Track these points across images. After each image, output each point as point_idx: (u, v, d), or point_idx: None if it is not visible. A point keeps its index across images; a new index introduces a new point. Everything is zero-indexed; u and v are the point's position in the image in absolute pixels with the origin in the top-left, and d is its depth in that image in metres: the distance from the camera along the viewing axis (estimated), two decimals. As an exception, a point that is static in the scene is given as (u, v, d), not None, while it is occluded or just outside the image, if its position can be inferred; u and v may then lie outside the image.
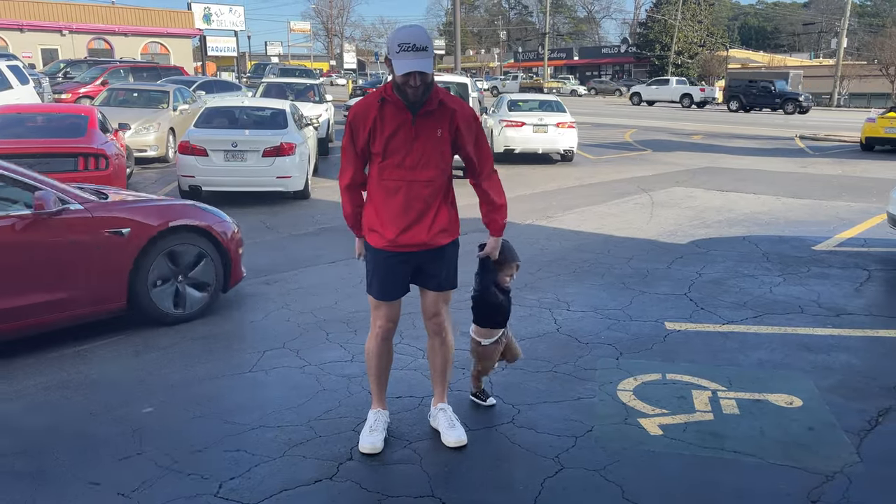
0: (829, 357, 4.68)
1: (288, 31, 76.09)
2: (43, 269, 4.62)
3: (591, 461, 3.34)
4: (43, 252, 4.60)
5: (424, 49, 3.05)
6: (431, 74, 3.13)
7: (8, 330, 4.54)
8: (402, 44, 3.03)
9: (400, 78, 3.08)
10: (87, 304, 4.88)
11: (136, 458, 3.36)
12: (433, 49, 3.12)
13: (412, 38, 3.04)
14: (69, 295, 4.74)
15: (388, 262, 3.33)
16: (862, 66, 50.28)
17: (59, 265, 4.68)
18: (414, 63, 3.03)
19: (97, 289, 4.88)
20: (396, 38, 3.07)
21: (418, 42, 3.04)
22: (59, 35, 38.69)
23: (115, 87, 16.32)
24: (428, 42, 3.07)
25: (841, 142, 21.29)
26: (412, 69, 3.03)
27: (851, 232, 8.59)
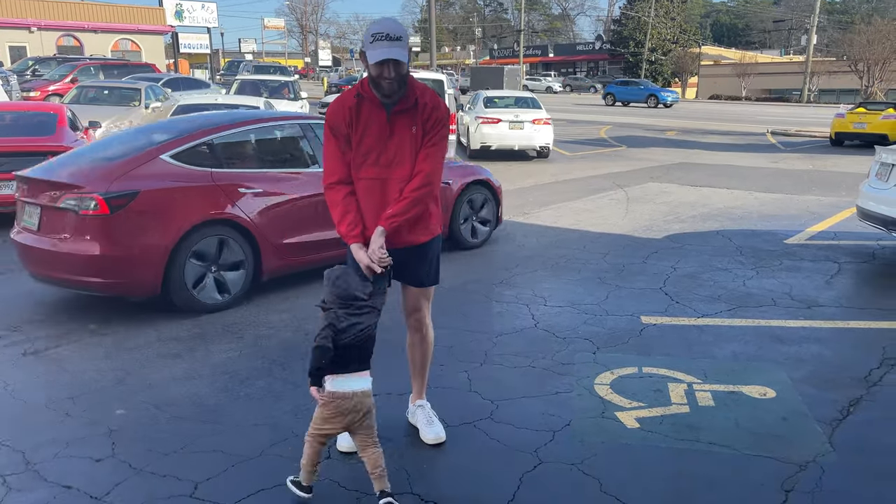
0: (802, 348, 4.75)
1: (262, 28, 75.46)
2: None
3: (569, 455, 3.36)
4: None
5: (398, 39, 3.02)
6: (406, 67, 3.10)
7: None
8: (376, 34, 3.01)
9: (374, 69, 3.04)
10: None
11: (110, 459, 3.31)
12: (407, 40, 3.08)
13: (385, 28, 3.02)
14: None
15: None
16: (831, 62, 51.10)
17: None
18: (387, 51, 2.99)
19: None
20: (370, 30, 3.06)
21: (392, 32, 3.02)
22: (28, 32, 37.95)
23: (85, 85, 16.06)
24: (402, 33, 3.05)
25: (811, 137, 21.64)
26: (385, 57, 3.00)
27: (822, 225, 8.74)
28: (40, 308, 5.54)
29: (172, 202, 5.27)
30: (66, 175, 5.32)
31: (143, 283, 5.20)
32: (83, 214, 5.01)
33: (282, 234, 5.76)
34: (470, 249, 7.32)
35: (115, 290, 5.27)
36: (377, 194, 3.20)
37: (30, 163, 7.93)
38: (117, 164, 5.29)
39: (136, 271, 5.15)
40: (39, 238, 5.27)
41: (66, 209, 5.09)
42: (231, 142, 5.86)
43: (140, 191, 5.12)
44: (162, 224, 5.17)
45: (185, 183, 5.35)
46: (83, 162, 5.57)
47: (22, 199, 5.53)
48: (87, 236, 5.03)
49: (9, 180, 7.86)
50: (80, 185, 5.10)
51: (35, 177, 5.45)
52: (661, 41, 63.42)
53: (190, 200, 5.34)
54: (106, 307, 5.52)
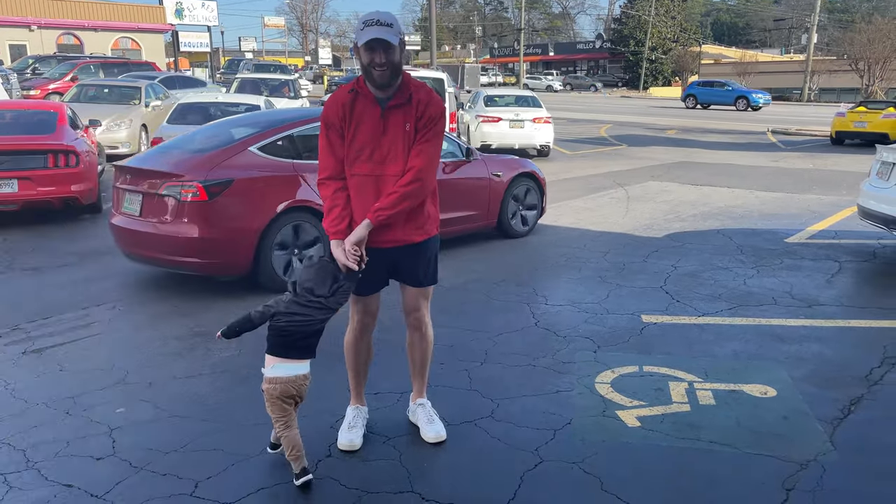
0: (802, 347, 4.74)
1: (262, 27, 75.41)
2: (462, 195, 7.21)
3: (569, 454, 3.35)
4: (461, 185, 7.24)
5: (389, 25, 3.03)
6: (398, 55, 3.08)
7: (451, 232, 6.91)
8: (366, 20, 3.04)
9: (365, 55, 3.04)
10: (481, 219, 7.58)
11: (110, 458, 3.30)
12: (399, 30, 3.09)
13: (376, 15, 3.06)
14: (476, 212, 7.46)
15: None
16: (832, 61, 51.06)
17: (468, 193, 7.33)
18: (376, 31, 3.00)
19: (487, 211, 7.61)
20: (361, 18, 3.10)
21: (382, 18, 3.04)
22: (28, 30, 37.93)
23: (85, 83, 16.05)
24: (393, 20, 3.07)
25: (812, 136, 21.63)
26: (373, 36, 3.00)
27: (823, 224, 8.73)
28: (41, 307, 5.53)
29: (261, 189, 5.76)
30: (167, 165, 5.79)
31: (237, 263, 5.70)
32: (184, 200, 5.49)
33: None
34: (518, 238, 8.02)
35: (210, 269, 5.74)
36: (371, 190, 3.18)
37: (30, 161, 7.99)
38: (212, 155, 5.78)
39: (230, 252, 5.63)
40: (141, 222, 5.74)
41: (168, 196, 5.56)
42: (307, 135, 6.16)
43: (234, 179, 5.62)
44: (252, 209, 5.66)
45: (271, 172, 5.85)
46: (178, 153, 6.04)
47: (121, 186, 6.00)
48: (186, 220, 5.49)
49: (9, 178, 7.88)
50: (181, 173, 5.56)
51: (137, 166, 5.98)
52: (661, 40, 63.40)
53: (276, 188, 5.82)
54: (106, 306, 5.52)
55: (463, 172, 7.27)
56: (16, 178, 7.89)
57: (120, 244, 6.07)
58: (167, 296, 5.80)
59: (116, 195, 6.10)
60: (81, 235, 8.00)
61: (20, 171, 7.94)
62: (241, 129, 6.35)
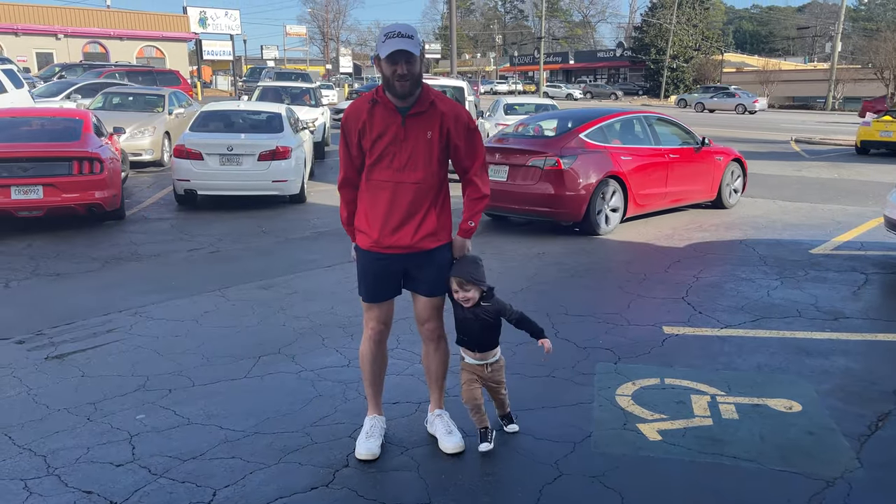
0: (828, 361, 4.66)
1: (284, 35, 76.22)
2: (697, 173, 9.76)
3: (590, 467, 3.31)
4: (697, 165, 9.74)
5: (410, 37, 3.08)
6: (419, 66, 3.12)
7: (684, 201, 9.78)
8: (388, 33, 3.08)
9: (387, 66, 3.08)
10: (706, 194, 10.01)
11: (130, 465, 3.32)
12: (420, 43, 3.13)
13: (397, 28, 3.10)
14: (699, 188, 9.87)
15: (375, 263, 3.31)
16: (856, 69, 50.48)
17: (700, 172, 9.80)
18: (398, 42, 3.04)
19: (710, 187, 10.03)
20: (383, 31, 3.14)
21: (404, 30, 3.09)
22: (55, 39, 38.64)
23: (110, 91, 16.26)
24: (413, 32, 3.12)
25: (836, 145, 21.35)
26: (396, 48, 3.03)
27: (848, 235, 8.59)
28: (63, 313, 5.59)
29: (590, 163, 8.31)
30: (529, 145, 8.62)
31: (576, 213, 8.26)
32: (547, 169, 8.15)
33: (639, 188, 8.83)
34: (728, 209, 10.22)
35: (558, 217, 8.36)
36: (391, 197, 3.22)
37: (55, 168, 8.10)
38: (559, 138, 8.60)
39: (573, 206, 8.21)
40: (509, 184, 8.37)
41: (533, 166, 8.24)
42: (612, 126, 9.05)
43: (578, 155, 8.25)
44: (586, 176, 8.22)
45: (595, 151, 8.46)
46: (530, 138, 9.07)
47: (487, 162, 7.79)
48: (547, 183, 8.15)
49: (34, 185, 7.99)
50: (543, 151, 8.30)
51: (505, 147, 8.70)
52: (682, 48, 63.07)
53: (598, 163, 8.38)
54: (128, 312, 5.56)
55: (695, 157, 9.73)
56: (41, 184, 8.00)
57: None
58: (187, 304, 5.84)
59: None
60: (104, 242, 8.08)
61: (45, 177, 8.05)
62: (567, 120, 9.17)
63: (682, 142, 9.77)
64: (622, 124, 9.27)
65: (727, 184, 10.25)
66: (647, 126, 9.49)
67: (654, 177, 9.07)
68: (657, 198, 9.22)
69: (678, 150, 9.53)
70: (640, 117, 9.65)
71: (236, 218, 9.53)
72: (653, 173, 9.04)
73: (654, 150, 9.22)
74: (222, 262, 7.29)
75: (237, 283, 6.38)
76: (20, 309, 5.74)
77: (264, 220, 9.41)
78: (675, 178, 9.37)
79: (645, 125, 9.50)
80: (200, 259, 7.44)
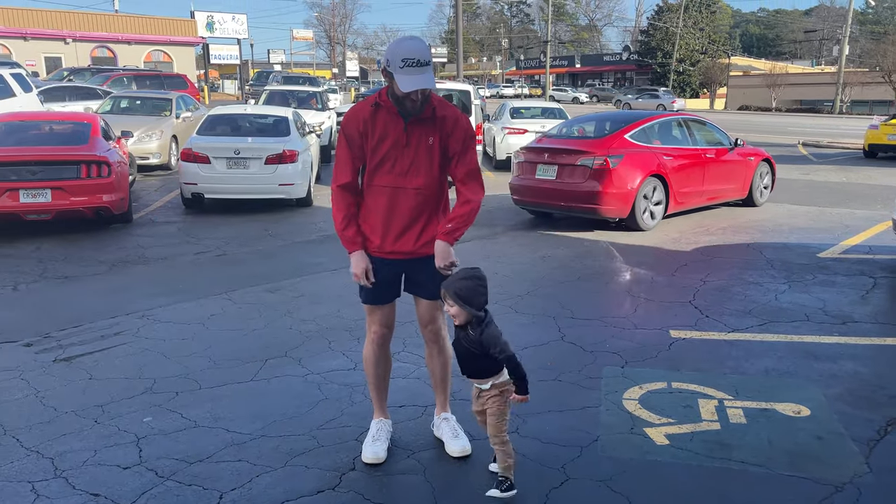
0: (836, 365, 4.63)
1: (290, 39, 76.36)
2: (730, 172, 10.20)
3: (597, 471, 3.30)
4: (731, 165, 10.19)
5: (427, 64, 3.04)
6: None
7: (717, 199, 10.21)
8: (407, 59, 3.00)
9: (401, 91, 3.05)
10: (737, 192, 10.44)
11: (137, 467, 3.32)
12: (431, 58, 3.12)
13: (416, 54, 3.01)
14: (733, 186, 10.30)
15: (375, 267, 3.30)
16: (864, 73, 50.24)
17: (733, 171, 10.25)
18: (420, 80, 3.00)
19: (742, 185, 10.47)
20: (399, 53, 3.02)
21: (422, 57, 3.02)
22: (63, 43, 38.86)
23: (117, 95, 16.35)
24: (430, 56, 3.08)
25: (844, 149, 21.26)
26: (418, 87, 3.01)
27: (856, 239, 8.55)
28: (71, 315, 5.61)
29: (635, 162, 8.78)
30: (577, 145, 9.06)
31: (621, 210, 8.67)
32: (595, 168, 8.57)
33: (679, 186, 9.26)
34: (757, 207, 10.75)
35: (605, 213, 8.71)
36: (391, 202, 3.21)
37: (63, 172, 8.14)
38: (605, 139, 9.03)
39: (619, 202, 8.62)
40: (558, 183, 8.85)
41: (581, 165, 8.67)
42: (653, 127, 9.53)
43: (624, 154, 8.72)
44: (631, 175, 8.66)
45: (639, 151, 8.95)
46: (576, 139, 9.51)
47: (532, 160, 9.15)
48: (595, 181, 8.55)
49: (42, 188, 8.03)
50: (591, 151, 8.72)
51: (553, 147, 9.19)
52: (689, 52, 62.95)
53: (642, 162, 8.85)
54: (135, 315, 5.58)
55: (729, 157, 10.16)
56: (49, 188, 8.04)
57: (526, 198, 9.30)
58: (193, 307, 5.85)
59: (522, 167, 9.29)
60: (112, 245, 8.11)
61: (54, 181, 8.09)
62: (609, 122, 9.68)
63: (716, 142, 10.27)
64: (662, 126, 9.79)
65: (757, 183, 10.74)
66: (685, 127, 10.05)
67: (692, 176, 9.55)
68: (695, 196, 9.70)
69: (714, 150, 10.04)
70: (679, 119, 10.29)
71: (243, 221, 9.55)
72: (691, 172, 9.53)
73: (692, 150, 9.72)
74: (229, 266, 7.31)
75: (244, 287, 6.39)
76: (28, 312, 5.77)
77: (271, 223, 9.43)
78: (711, 177, 9.87)
79: (683, 127, 10.06)
80: (207, 262, 7.46)
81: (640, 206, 8.75)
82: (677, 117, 10.40)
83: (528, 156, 9.31)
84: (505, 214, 10.07)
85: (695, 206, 9.93)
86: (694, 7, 64.00)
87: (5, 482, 3.21)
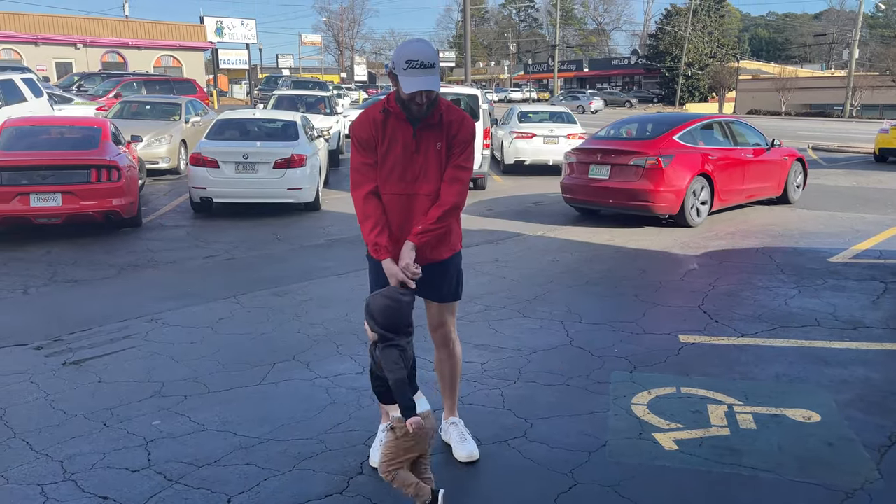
0: (847, 371, 4.60)
1: (299, 44, 76.64)
2: (768, 171, 10.70)
3: (605, 477, 3.28)
4: (768, 164, 10.70)
5: (432, 66, 3.00)
6: (437, 92, 3.09)
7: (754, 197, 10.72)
8: (410, 60, 2.98)
9: (406, 95, 3.04)
10: (773, 190, 10.95)
11: (145, 471, 3.33)
12: (437, 59, 3.08)
13: (419, 56, 2.99)
14: (770, 185, 10.83)
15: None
16: (874, 77, 50.00)
17: (771, 170, 10.76)
18: (422, 81, 2.99)
19: (778, 183, 10.99)
20: (403, 55, 3.00)
21: (426, 59, 2.99)
22: (74, 49, 39.13)
23: (127, 100, 16.45)
24: (435, 59, 3.03)
25: (854, 153, 21.15)
26: (420, 88, 3.00)
27: (867, 244, 8.50)
28: (81, 319, 5.64)
29: (685, 162, 9.29)
30: (629, 146, 9.54)
31: (672, 207, 9.19)
32: (648, 167, 9.07)
33: (722, 184, 9.76)
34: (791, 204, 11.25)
35: (657, 210, 9.22)
36: (403, 209, 3.19)
37: (73, 176, 8.19)
38: (656, 140, 9.53)
39: (670, 200, 9.16)
40: (611, 181, 9.33)
41: (634, 165, 9.17)
42: (698, 129, 10.06)
43: (675, 155, 9.23)
44: (681, 174, 9.17)
45: (687, 152, 9.45)
46: (626, 140, 10.02)
47: (587, 161, 9.65)
48: (647, 180, 9.09)
49: (53, 192, 8.09)
50: (643, 151, 9.23)
51: (606, 147, 9.68)
52: (697, 56, 62.78)
53: (690, 162, 9.35)
54: (144, 319, 5.60)
55: (766, 156, 10.65)
56: (60, 192, 8.09)
57: (578, 196, 9.84)
58: (202, 311, 5.87)
59: (574, 167, 9.85)
60: (121, 249, 8.15)
61: (64, 185, 8.14)
62: (657, 124, 10.24)
63: (755, 143, 10.79)
64: (706, 127, 10.37)
65: (792, 181, 11.31)
66: (726, 128, 10.62)
67: (734, 174, 10.06)
68: (736, 193, 10.22)
69: (753, 150, 10.59)
70: (721, 121, 10.90)
71: (252, 225, 9.58)
72: (733, 171, 10.05)
73: (733, 150, 10.28)
74: (238, 270, 7.33)
75: (252, 290, 6.41)
76: (38, 315, 5.80)
77: (279, 227, 9.46)
78: (751, 176, 10.40)
79: (725, 128, 10.64)
80: (216, 266, 7.49)
81: (689, 203, 9.26)
82: (719, 119, 10.95)
83: (580, 156, 9.78)
84: (514, 218, 10.07)
85: (735, 204, 10.42)
86: (703, 11, 63.84)
87: (15, 485, 3.23)
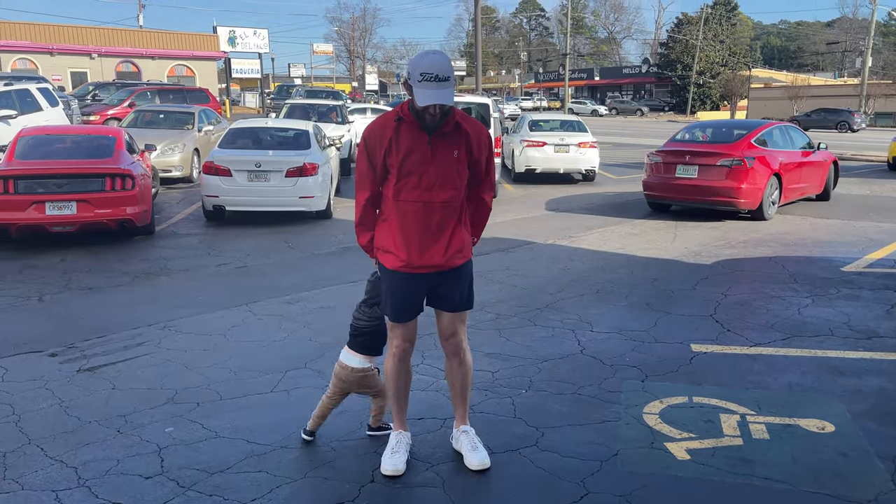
0: (861, 381, 4.56)
1: (311, 53, 77.08)
2: (815, 171, 12.02)
3: (616, 486, 3.27)
4: (815, 165, 12.01)
5: (446, 80, 3.03)
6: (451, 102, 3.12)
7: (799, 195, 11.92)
8: (425, 73, 3.01)
9: (420, 105, 3.07)
10: (815, 188, 12.29)
11: (158, 477, 3.35)
12: (454, 78, 3.11)
13: (434, 69, 3.01)
14: (816, 183, 12.22)
15: (402, 283, 3.30)
16: (888, 84, 49.71)
17: (817, 171, 12.12)
18: (435, 95, 3.02)
19: (820, 182, 12.32)
20: (419, 67, 3.03)
21: (441, 73, 3.01)
22: (89, 58, 39.55)
23: (141, 109, 16.59)
24: (450, 72, 3.05)
25: (868, 161, 21.02)
26: (433, 101, 3.03)
27: (881, 253, 8.44)
28: (95, 326, 5.68)
29: (763, 163, 10.45)
30: (714, 148, 10.74)
31: (753, 202, 10.35)
32: (734, 168, 10.23)
33: (788, 183, 11.00)
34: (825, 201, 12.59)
35: (741, 206, 10.36)
36: (420, 217, 3.21)
37: (88, 184, 8.27)
38: (737, 143, 10.74)
39: (752, 197, 10.31)
40: (699, 180, 10.50)
41: (721, 166, 10.31)
42: (768, 133, 11.26)
43: (755, 157, 10.39)
44: (762, 173, 10.39)
45: (763, 154, 10.63)
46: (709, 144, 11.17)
47: (673, 162, 10.77)
48: (733, 179, 10.26)
49: (68, 201, 8.17)
50: (729, 153, 10.40)
51: (693, 150, 10.87)
52: (709, 64, 62.69)
53: (766, 163, 10.50)
54: (157, 326, 5.64)
55: (812, 157, 11.90)
56: (74, 200, 8.17)
57: (665, 193, 10.99)
58: (215, 319, 5.90)
59: (659, 167, 10.99)
60: (135, 257, 8.22)
61: (79, 193, 8.22)
62: (731, 129, 11.58)
63: (806, 146, 12.11)
64: (772, 132, 11.52)
65: (830, 180, 12.76)
66: (787, 133, 11.90)
67: (794, 174, 11.33)
68: (794, 192, 11.48)
69: (806, 152, 11.93)
70: (782, 127, 12.09)
71: (264, 233, 9.63)
72: (794, 171, 11.32)
73: (794, 153, 11.59)
74: (250, 277, 7.37)
75: (264, 298, 6.44)
76: (53, 322, 5.85)
77: (291, 235, 9.50)
78: (805, 176, 11.73)
79: (785, 133, 11.87)
80: (228, 274, 7.53)
81: (767, 199, 10.48)
82: (781, 125, 12.18)
83: (665, 157, 10.92)
84: (526, 226, 10.07)
85: (792, 200, 11.64)
86: (714, 19, 63.78)
87: (30, 491, 3.26)
